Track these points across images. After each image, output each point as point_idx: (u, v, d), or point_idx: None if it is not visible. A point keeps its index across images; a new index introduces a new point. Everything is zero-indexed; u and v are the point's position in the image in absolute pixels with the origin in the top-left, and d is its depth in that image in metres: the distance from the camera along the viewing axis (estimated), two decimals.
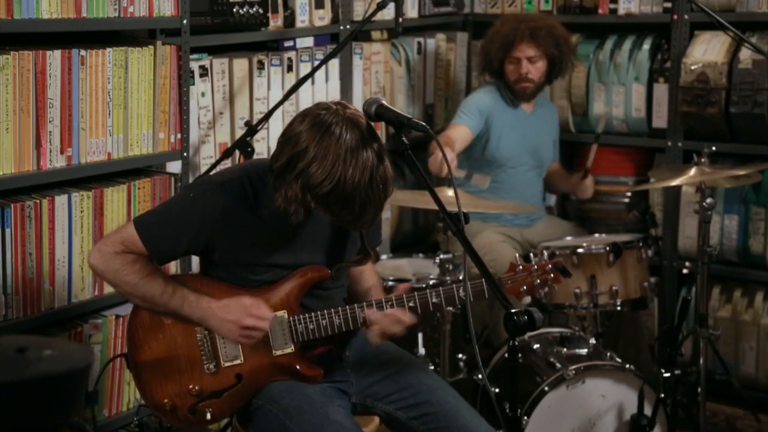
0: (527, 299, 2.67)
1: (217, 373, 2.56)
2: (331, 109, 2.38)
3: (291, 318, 2.54)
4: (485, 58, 4.17)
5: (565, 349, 3.45)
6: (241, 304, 2.49)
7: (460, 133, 3.96)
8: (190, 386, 2.56)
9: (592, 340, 3.52)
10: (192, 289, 2.54)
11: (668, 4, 4.26)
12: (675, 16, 4.20)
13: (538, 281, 2.63)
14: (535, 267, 2.63)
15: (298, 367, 2.56)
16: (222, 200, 2.47)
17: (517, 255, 2.71)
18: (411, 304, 2.54)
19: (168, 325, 2.57)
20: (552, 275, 2.66)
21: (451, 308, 3.52)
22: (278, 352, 2.55)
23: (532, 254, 2.68)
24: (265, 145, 3.68)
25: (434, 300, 2.54)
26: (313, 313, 2.54)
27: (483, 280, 2.48)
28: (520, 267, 2.64)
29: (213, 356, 2.56)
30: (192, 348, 2.56)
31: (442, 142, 3.70)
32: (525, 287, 2.62)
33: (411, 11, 4.46)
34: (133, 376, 2.63)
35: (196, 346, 2.56)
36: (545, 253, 2.67)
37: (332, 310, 2.54)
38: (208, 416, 2.58)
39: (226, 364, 2.56)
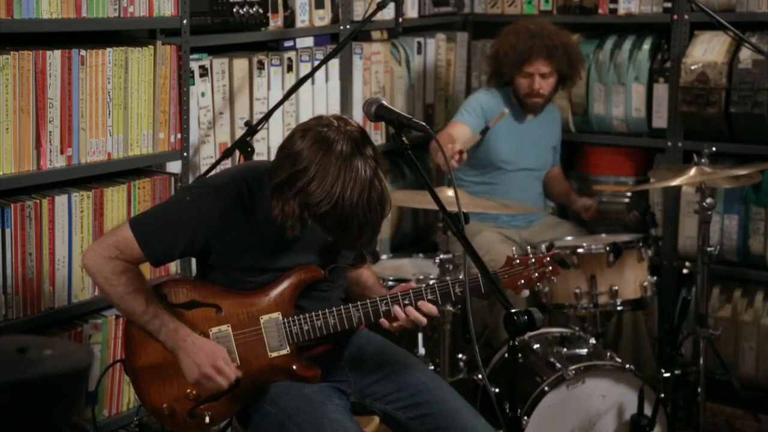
0: (525, 293, 2.65)
1: None
2: (332, 125, 2.36)
3: (285, 319, 2.54)
4: (496, 70, 4.15)
5: (565, 349, 3.45)
6: (212, 352, 2.49)
7: (460, 131, 3.96)
8: (188, 390, 2.55)
9: (592, 340, 3.52)
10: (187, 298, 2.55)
11: (668, 4, 4.26)
12: (675, 16, 4.21)
13: (536, 275, 2.60)
14: (533, 260, 2.60)
15: (294, 367, 2.55)
16: (218, 204, 2.46)
17: (513, 248, 2.69)
18: (406, 302, 2.53)
19: None
20: (550, 268, 2.61)
21: (450, 307, 3.54)
22: (274, 354, 2.54)
23: (529, 248, 2.66)
24: (265, 145, 3.68)
25: (429, 297, 2.54)
26: (307, 314, 2.53)
27: (479, 276, 2.48)
28: (517, 261, 2.60)
29: None
30: None
31: (442, 140, 3.72)
32: (522, 281, 2.59)
33: (411, 11, 4.46)
34: (131, 381, 2.63)
35: None
36: (543, 246, 2.65)
37: (326, 310, 2.53)
38: (207, 420, 2.57)
39: None
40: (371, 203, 2.32)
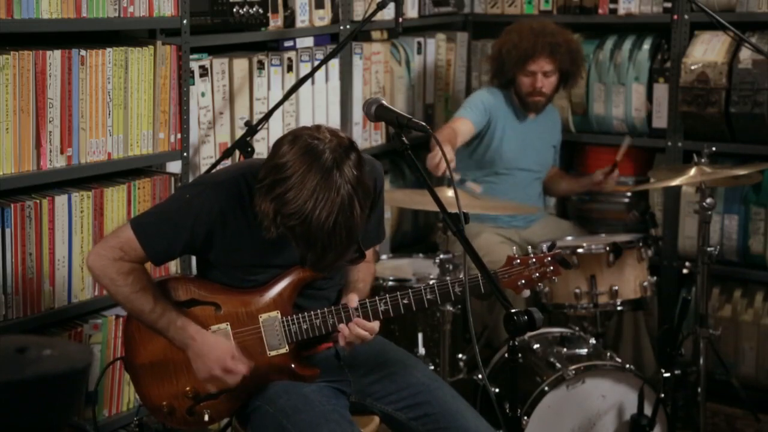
0: (526, 293, 2.64)
1: None
2: (324, 139, 2.32)
3: (284, 318, 2.54)
4: (499, 68, 4.14)
5: (565, 349, 3.45)
6: (223, 351, 2.49)
7: (462, 125, 3.97)
8: (187, 388, 2.56)
9: (592, 340, 3.52)
10: (188, 295, 2.55)
11: (668, 4, 4.26)
12: (675, 16, 4.21)
13: (537, 274, 2.58)
14: (533, 260, 2.59)
15: (293, 366, 2.55)
16: (218, 200, 2.45)
17: (515, 248, 2.69)
18: (406, 301, 2.52)
19: None
20: (551, 267, 2.60)
21: (450, 307, 3.54)
22: (273, 353, 2.54)
23: (530, 248, 2.65)
24: (265, 145, 3.68)
25: (428, 296, 2.53)
26: (306, 313, 2.53)
27: (478, 275, 2.47)
28: (518, 260, 2.59)
29: None
30: None
31: (445, 135, 3.75)
32: (523, 281, 2.58)
33: (411, 11, 4.46)
34: (131, 378, 2.64)
35: None
36: (544, 246, 2.64)
37: (326, 309, 2.53)
38: (206, 417, 2.58)
39: None
40: (337, 227, 2.28)
